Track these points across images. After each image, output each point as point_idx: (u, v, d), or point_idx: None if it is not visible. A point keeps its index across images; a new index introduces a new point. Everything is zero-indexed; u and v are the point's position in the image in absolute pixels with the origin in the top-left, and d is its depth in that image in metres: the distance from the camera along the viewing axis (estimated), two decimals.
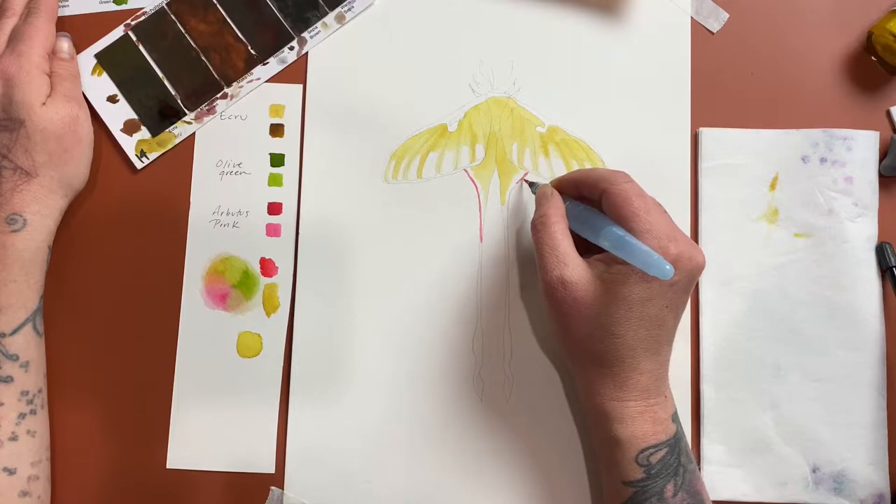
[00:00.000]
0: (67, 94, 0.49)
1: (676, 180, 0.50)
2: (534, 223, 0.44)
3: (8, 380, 0.45)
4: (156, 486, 0.48)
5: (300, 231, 0.50)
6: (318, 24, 0.52)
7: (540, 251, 0.43)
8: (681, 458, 0.42)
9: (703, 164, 0.50)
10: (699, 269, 0.42)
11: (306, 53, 0.52)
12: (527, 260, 0.50)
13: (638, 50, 0.51)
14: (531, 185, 0.49)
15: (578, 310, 0.42)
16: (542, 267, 0.43)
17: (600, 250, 0.42)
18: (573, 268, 0.42)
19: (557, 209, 0.44)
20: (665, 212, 0.43)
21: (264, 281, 0.50)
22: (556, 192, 0.45)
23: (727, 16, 0.51)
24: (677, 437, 0.42)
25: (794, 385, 0.48)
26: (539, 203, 0.45)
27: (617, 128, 0.51)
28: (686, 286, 0.42)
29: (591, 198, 0.44)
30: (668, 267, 0.37)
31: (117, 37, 0.52)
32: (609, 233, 0.40)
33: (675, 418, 0.43)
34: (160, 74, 0.52)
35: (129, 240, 0.51)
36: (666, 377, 0.43)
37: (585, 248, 0.43)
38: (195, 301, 0.50)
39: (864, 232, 0.49)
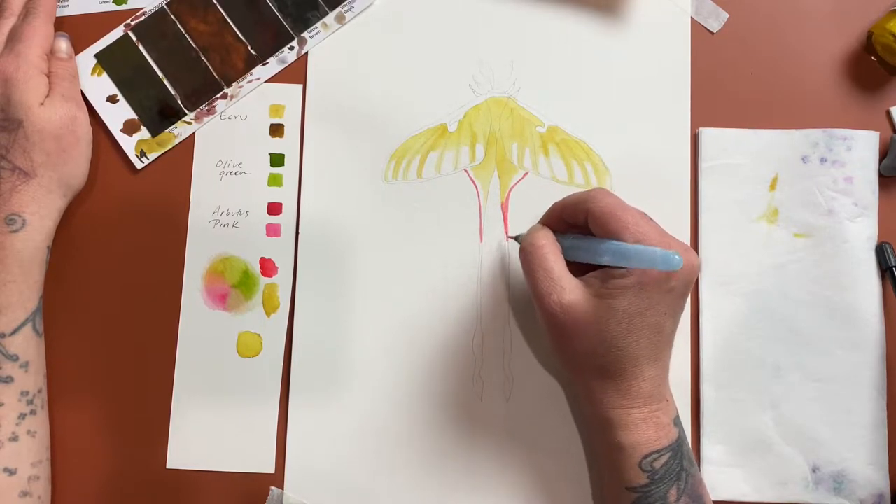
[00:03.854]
0: (66, 94, 0.49)
1: (676, 180, 0.50)
2: (523, 249, 0.43)
3: (8, 380, 0.45)
4: (156, 486, 0.48)
5: (300, 231, 0.50)
6: (318, 24, 0.52)
7: (533, 276, 0.42)
8: (683, 462, 0.42)
9: (703, 164, 0.50)
10: (695, 271, 0.42)
11: (306, 53, 0.52)
12: None
13: (638, 50, 0.51)
14: (516, 238, 0.47)
15: (579, 330, 0.41)
16: (537, 293, 0.42)
17: (589, 270, 0.41)
18: (570, 290, 0.41)
19: (546, 235, 0.43)
20: (651, 220, 0.42)
21: (264, 281, 0.50)
22: (544, 227, 0.44)
23: (727, 16, 0.51)
24: (679, 441, 0.42)
25: (794, 385, 0.48)
26: (528, 235, 0.44)
27: (617, 128, 0.51)
28: (683, 290, 0.42)
29: (575, 223, 0.43)
30: (676, 257, 0.37)
31: (117, 37, 0.52)
32: (610, 246, 0.40)
33: (676, 422, 0.43)
34: (160, 74, 0.52)
35: (129, 240, 0.51)
36: (667, 381, 0.43)
37: (575, 269, 0.42)
38: (195, 301, 0.50)
39: (864, 232, 0.49)
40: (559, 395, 0.49)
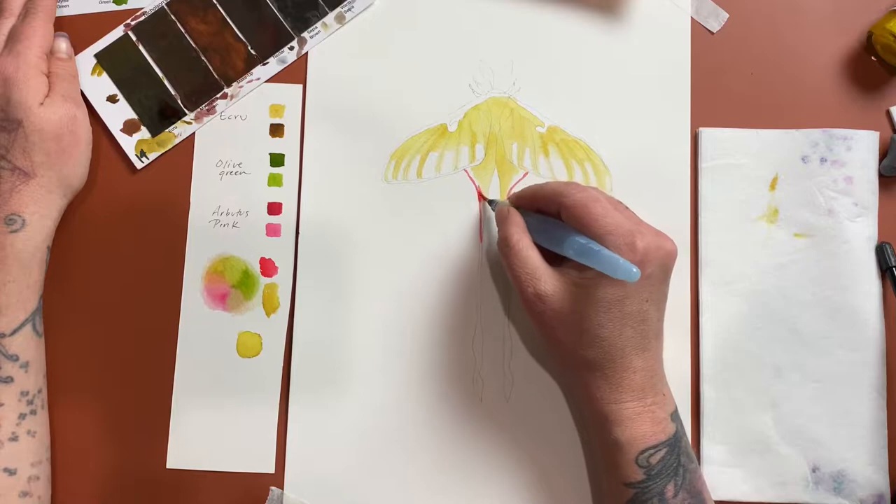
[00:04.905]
0: (65, 94, 0.49)
1: (676, 180, 0.50)
2: (499, 245, 0.45)
3: (8, 380, 0.45)
4: (156, 486, 0.48)
5: (300, 231, 0.50)
6: (318, 24, 0.52)
7: (511, 271, 0.43)
8: (681, 457, 0.42)
9: (703, 164, 0.50)
10: (671, 257, 0.42)
11: (306, 53, 0.52)
12: None
13: (638, 50, 0.51)
14: (490, 202, 0.49)
15: (560, 320, 0.42)
16: (516, 286, 0.43)
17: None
18: (546, 280, 0.42)
19: (518, 226, 0.44)
20: (627, 209, 0.43)
21: (264, 281, 0.50)
22: (513, 209, 0.45)
23: (727, 16, 0.51)
24: (677, 436, 0.42)
25: (794, 385, 0.48)
26: (499, 223, 0.45)
27: (617, 128, 0.51)
28: (662, 277, 0.42)
29: (549, 212, 0.44)
30: (634, 270, 0.38)
31: (117, 37, 0.52)
32: (573, 242, 0.40)
33: (674, 417, 0.43)
34: (160, 74, 0.52)
35: (129, 240, 0.51)
36: (661, 374, 0.43)
37: (555, 257, 0.43)
38: (195, 301, 0.50)
39: (864, 232, 0.49)
40: (559, 395, 0.49)
